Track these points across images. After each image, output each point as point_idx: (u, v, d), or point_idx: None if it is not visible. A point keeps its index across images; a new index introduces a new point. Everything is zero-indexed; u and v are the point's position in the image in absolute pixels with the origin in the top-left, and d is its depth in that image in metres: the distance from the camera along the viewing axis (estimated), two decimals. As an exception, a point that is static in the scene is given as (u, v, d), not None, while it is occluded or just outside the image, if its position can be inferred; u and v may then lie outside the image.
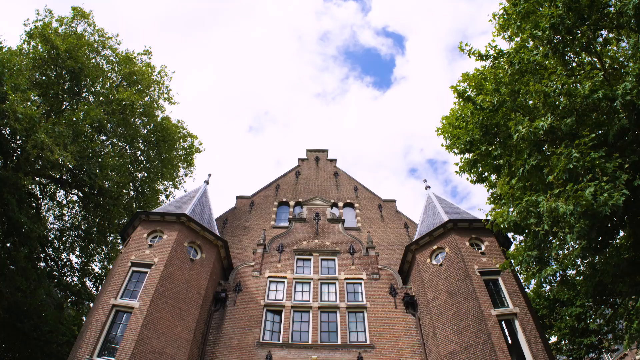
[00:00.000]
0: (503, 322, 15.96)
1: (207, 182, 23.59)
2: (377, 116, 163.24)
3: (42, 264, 28.23)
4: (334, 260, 21.13)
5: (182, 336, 15.97)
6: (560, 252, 12.29)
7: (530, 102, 12.89)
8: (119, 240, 27.60)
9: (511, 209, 13.14)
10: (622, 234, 15.02)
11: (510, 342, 15.54)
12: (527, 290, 21.29)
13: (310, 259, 21.15)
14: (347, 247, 21.58)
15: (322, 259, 21.11)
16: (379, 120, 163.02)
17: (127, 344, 14.57)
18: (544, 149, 12.45)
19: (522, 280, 18.27)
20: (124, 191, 27.84)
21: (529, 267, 13.32)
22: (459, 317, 16.39)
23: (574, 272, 23.26)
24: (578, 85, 11.88)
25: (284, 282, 20.03)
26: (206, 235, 19.40)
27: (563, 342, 23.78)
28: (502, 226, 12.95)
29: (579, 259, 15.94)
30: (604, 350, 23.92)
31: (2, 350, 33.49)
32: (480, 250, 18.33)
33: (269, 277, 20.20)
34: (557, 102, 11.82)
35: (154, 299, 15.91)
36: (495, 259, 17.71)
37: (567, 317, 21.79)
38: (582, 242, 11.30)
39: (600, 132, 11.69)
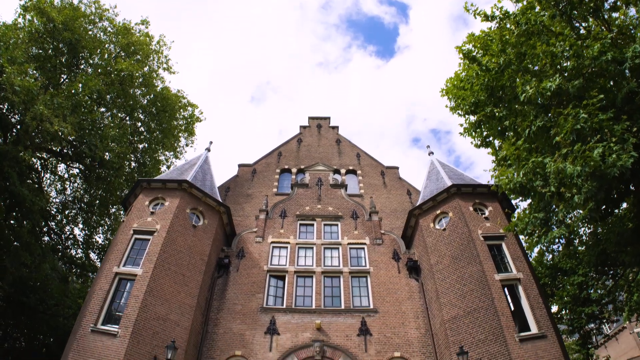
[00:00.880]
0: (506, 288, 15.92)
1: (208, 149, 23.38)
2: (380, 86, 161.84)
3: (46, 238, 28.34)
4: (336, 225, 21.04)
5: (185, 302, 16.01)
6: (567, 215, 12.09)
7: (537, 67, 12.56)
8: (121, 212, 27.56)
9: (516, 173, 12.98)
10: (625, 205, 14.96)
11: (512, 308, 15.52)
12: (529, 258, 21.20)
13: (313, 224, 21.06)
14: (350, 212, 21.45)
15: (324, 224, 21.02)
16: (382, 89, 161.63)
17: (130, 311, 14.62)
18: (550, 111, 12.18)
19: (525, 248, 18.21)
20: (125, 162, 27.72)
21: (535, 230, 13.16)
22: (462, 281, 16.35)
23: (577, 241, 23.45)
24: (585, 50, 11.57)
25: (287, 247, 20.00)
26: (208, 202, 19.27)
27: (564, 312, 23.86)
28: (507, 188, 12.76)
29: (585, 225, 15.88)
30: (604, 321, 23.98)
31: (9, 324, 33.99)
32: (484, 216, 18.18)
33: (272, 242, 20.15)
34: (565, 64, 11.54)
35: (156, 266, 15.89)
36: (500, 224, 17.58)
37: (569, 286, 21.74)
38: (590, 203, 11.08)
39: (608, 94, 11.40)
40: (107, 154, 25.11)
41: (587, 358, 27.45)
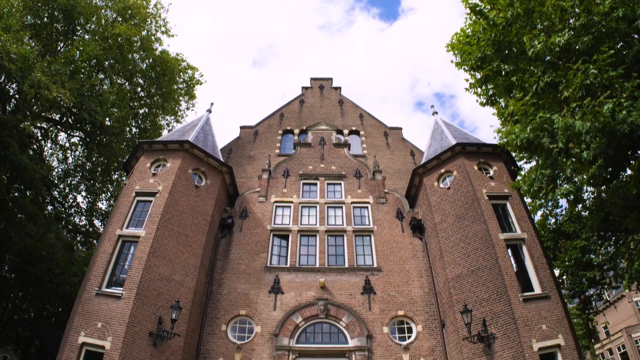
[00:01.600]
0: (510, 249, 15.82)
1: (209, 110, 23.02)
2: (384, 49, 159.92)
3: (50, 208, 28.48)
4: (340, 184, 20.89)
5: (189, 262, 16.01)
6: (575, 171, 11.88)
7: (545, 23, 12.18)
8: (124, 178, 27.47)
9: (523, 129, 12.75)
10: (629, 172, 14.82)
11: (516, 268, 15.45)
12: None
13: (316, 184, 20.91)
14: (354, 171, 21.25)
15: (328, 184, 20.86)
16: (385, 53, 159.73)
17: (134, 273, 14.63)
18: (558, 68, 11.88)
19: (529, 211, 18.07)
20: (126, 128, 27.50)
21: (542, 187, 12.98)
22: (466, 240, 16.28)
23: (580, 206, 23.36)
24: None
25: (290, 206, 19.92)
26: (210, 162, 19.07)
27: (565, 277, 23.92)
28: (514, 144, 12.51)
29: (591, 186, 15.71)
30: (605, 287, 24.03)
31: (17, 296, 34.44)
32: (488, 175, 18.00)
33: (275, 202, 20.05)
34: (574, 19, 11.17)
35: (159, 227, 15.83)
36: (506, 181, 17.41)
37: (572, 250, 21.70)
38: (599, 160, 10.86)
39: (618, 55, 11.07)
40: (107, 119, 24.86)
41: (587, 323, 27.73)
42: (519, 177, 16.61)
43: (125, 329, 13.39)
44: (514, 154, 19.27)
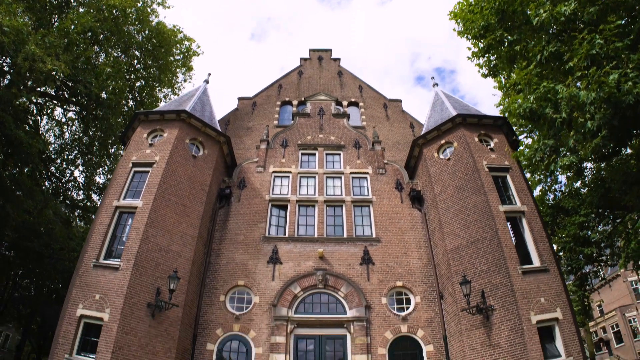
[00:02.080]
0: (509, 222, 15.68)
1: (207, 81, 22.61)
2: (384, 22, 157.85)
3: (47, 183, 28.33)
4: (339, 154, 20.69)
5: (187, 233, 15.89)
6: (579, 142, 11.70)
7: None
8: (121, 152, 27.20)
9: (526, 98, 12.57)
10: (629, 151, 14.67)
11: (515, 241, 15.34)
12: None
13: (315, 154, 20.72)
14: (353, 141, 21.03)
15: (327, 154, 20.66)
16: (386, 26, 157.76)
17: (132, 244, 14.50)
18: (564, 38, 11.65)
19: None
20: (123, 101, 27.13)
21: (544, 157, 12.83)
22: (466, 211, 16.15)
23: (579, 183, 23.26)
24: None
25: (288, 177, 19.75)
26: (208, 132, 18.79)
27: (562, 253, 23.91)
28: (516, 113, 12.34)
29: (592, 160, 15.59)
30: (602, 264, 24.04)
31: (18, 274, 34.49)
32: (489, 147, 17.80)
33: (274, 172, 19.88)
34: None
35: (157, 197, 15.64)
36: (507, 151, 17.24)
37: (570, 226, 21.64)
38: (603, 130, 10.70)
39: (624, 28, 10.83)
40: (103, 92, 24.50)
41: (582, 300, 27.83)
42: (521, 148, 16.45)
43: (124, 301, 13.31)
44: (515, 128, 19.15)
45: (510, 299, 13.69)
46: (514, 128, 18.97)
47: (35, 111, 26.05)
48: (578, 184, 23.55)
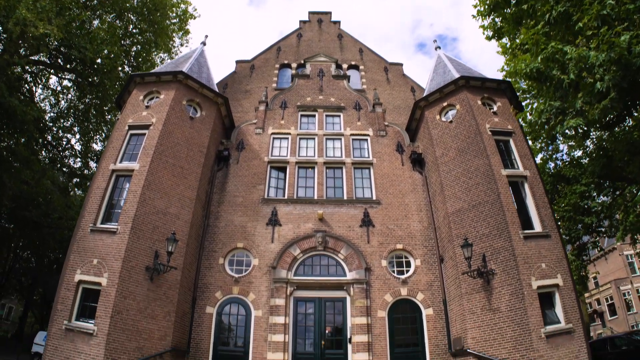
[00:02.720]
0: (511, 186, 15.40)
1: (204, 43, 22.00)
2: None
3: (44, 153, 28.18)
4: (339, 116, 20.32)
5: (185, 195, 15.64)
6: (587, 103, 11.46)
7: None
8: (117, 118, 26.82)
9: (534, 58, 12.28)
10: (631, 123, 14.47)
11: (516, 206, 15.08)
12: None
13: (314, 115, 20.35)
14: (353, 103, 20.64)
15: (326, 115, 20.29)
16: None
17: (129, 207, 14.25)
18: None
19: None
20: (119, 68, 26.63)
21: (550, 118, 12.60)
22: (468, 174, 15.89)
23: (580, 152, 23.11)
24: None
25: (287, 138, 19.43)
26: (205, 93, 18.35)
27: (561, 222, 23.86)
28: (523, 73, 12.08)
29: (596, 127, 15.40)
30: (600, 235, 24.01)
31: (18, 246, 34.47)
32: (492, 110, 17.45)
33: (272, 133, 19.55)
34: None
35: (154, 159, 15.33)
36: (508, 119, 16.94)
37: (570, 195, 21.51)
38: (612, 93, 10.45)
39: None
40: (98, 58, 24.01)
41: (580, 270, 27.90)
42: (526, 109, 16.18)
43: (121, 264, 13.16)
44: (518, 94, 18.89)
45: (512, 263, 13.57)
46: (518, 94, 18.85)
47: (30, 80, 25.73)
48: (579, 153, 23.50)
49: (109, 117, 28.52)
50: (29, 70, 24.88)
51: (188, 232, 15.14)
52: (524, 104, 18.14)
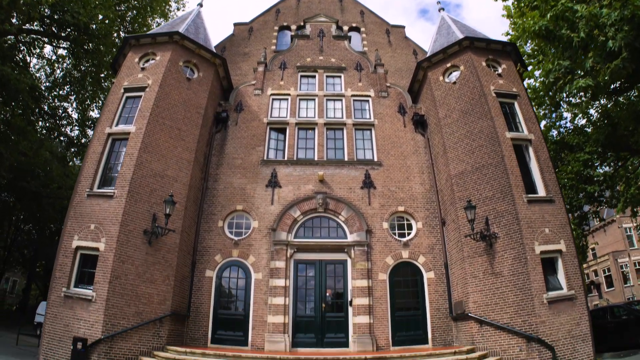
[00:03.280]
0: (515, 150, 15.02)
1: (200, 4, 21.27)
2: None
3: (40, 123, 27.84)
4: (339, 77, 19.85)
5: (183, 157, 15.36)
6: (597, 62, 11.11)
7: None
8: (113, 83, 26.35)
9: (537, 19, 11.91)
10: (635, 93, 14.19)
11: (520, 171, 14.79)
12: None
13: (314, 76, 19.87)
14: (354, 64, 20.14)
15: (327, 76, 19.81)
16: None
17: (126, 170, 14.00)
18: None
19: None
20: (114, 33, 26.00)
21: (559, 78, 12.25)
22: (471, 136, 15.55)
23: (584, 121, 22.83)
24: None
25: (287, 99, 18.99)
26: (202, 54, 17.87)
27: (563, 191, 23.71)
28: (531, 30, 11.78)
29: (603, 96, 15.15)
30: (602, 205, 23.84)
31: (20, 219, 34.32)
32: (497, 72, 16.99)
33: (272, 94, 19.11)
34: None
35: (150, 121, 14.98)
36: (513, 82, 16.53)
37: (574, 162, 21.26)
38: (624, 52, 10.10)
39: None
40: (92, 23, 23.37)
41: (580, 239, 27.84)
42: (535, 65, 15.81)
43: (119, 228, 13.00)
44: (523, 58, 18.43)
45: (515, 227, 13.36)
46: (524, 58, 18.40)
47: (23, 49, 25.15)
48: (583, 121, 23.22)
49: (106, 84, 27.99)
50: (23, 40, 24.33)
51: (186, 195, 14.92)
52: (529, 68, 17.78)
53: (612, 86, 14.64)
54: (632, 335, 14.82)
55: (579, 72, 11.70)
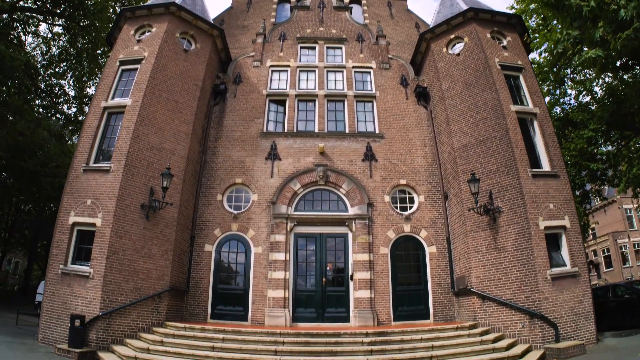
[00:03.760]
0: (519, 124, 14.70)
1: (197, -25, 20.90)
2: None
3: (37, 102, 27.42)
4: (340, 48, 19.39)
5: (180, 130, 15.03)
6: (608, 32, 10.76)
7: None
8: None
9: None
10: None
11: (525, 145, 14.51)
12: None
13: (315, 47, 19.41)
14: (355, 35, 19.66)
15: (327, 47, 19.35)
16: None
17: (122, 144, 13.69)
18: None
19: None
20: (109, 8, 25.49)
21: (567, 48, 11.90)
22: (475, 109, 15.21)
23: (589, 97, 22.48)
24: None
25: (287, 71, 18.57)
26: (199, 25, 17.39)
27: (566, 168, 23.48)
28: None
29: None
30: (605, 183, 23.60)
31: (17, 195, 34.05)
32: (502, 45, 16.58)
33: (271, 66, 18.67)
34: None
35: (146, 94, 14.61)
36: (519, 55, 16.15)
37: (577, 139, 20.97)
38: (635, 22, 9.77)
39: None
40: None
41: (582, 217, 27.67)
42: (543, 33, 15.40)
43: (116, 203, 12.75)
44: (530, 32, 18.01)
45: (519, 201, 13.12)
46: (529, 32, 17.98)
47: (18, 27, 24.69)
48: (587, 98, 22.89)
49: (103, 60, 27.51)
50: (17, 17, 23.85)
51: (184, 168, 14.64)
52: (536, 51, 17.45)
53: (618, 62, 14.32)
54: (634, 314, 14.63)
55: (588, 43, 11.39)
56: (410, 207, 15.77)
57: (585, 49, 11.42)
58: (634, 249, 44.87)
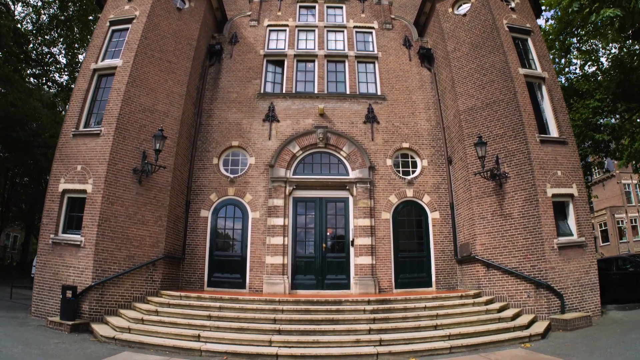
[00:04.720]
0: (528, 88, 14.08)
1: None
2: None
3: (28, 71, 27.11)
4: (341, 7, 18.61)
5: (174, 91, 14.38)
6: None
7: None
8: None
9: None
10: None
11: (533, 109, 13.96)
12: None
13: (314, 7, 18.61)
14: (356, -7, 18.88)
15: (327, 7, 18.57)
16: None
17: (113, 106, 13.05)
18: None
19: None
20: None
21: (584, 5, 11.30)
22: (482, 71, 14.54)
23: (594, 67, 22.00)
24: None
25: (285, 30, 17.85)
26: (193, -18, 16.60)
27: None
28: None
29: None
30: (608, 155, 23.23)
31: (16, 174, 33.50)
32: (510, 6, 15.81)
33: (269, 26, 17.92)
34: None
35: (138, 54, 13.89)
36: (527, 18, 15.48)
37: (583, 109, 20.53)
38: None
39: None
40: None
41: (585, 188, 27.43)
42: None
43: (107, 168, 12.22)
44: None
45: (527, 167, 12.63)
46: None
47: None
48: (593, 69, 22.41)
49: (94, 27, 26.85)
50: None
51: (178, 131, 14.04)
52: (542, 8, 16.82)
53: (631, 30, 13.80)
54: (638, 288, 14.27)
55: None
56: (413, 172, 15.30)
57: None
58: (631, 225, 44.95)
